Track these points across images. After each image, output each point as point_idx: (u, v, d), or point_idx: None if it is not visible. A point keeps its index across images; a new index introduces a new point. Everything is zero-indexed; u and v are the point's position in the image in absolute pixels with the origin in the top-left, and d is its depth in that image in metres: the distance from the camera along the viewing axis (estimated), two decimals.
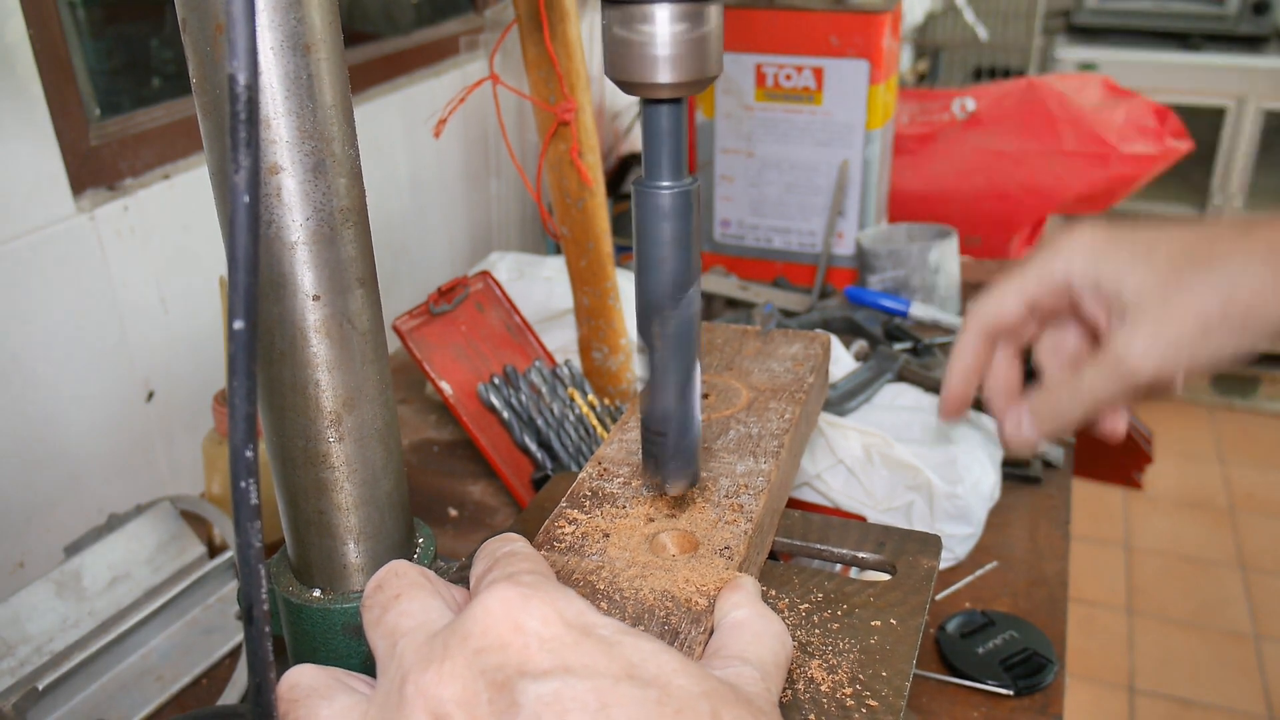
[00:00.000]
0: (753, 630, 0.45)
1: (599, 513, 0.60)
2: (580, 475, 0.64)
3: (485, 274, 1.15)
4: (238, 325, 0.33)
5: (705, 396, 0.72)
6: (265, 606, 0.37)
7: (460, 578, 0.64)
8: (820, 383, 0.80)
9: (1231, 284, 0.59)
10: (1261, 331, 0.60)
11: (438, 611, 0.40)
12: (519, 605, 0.37)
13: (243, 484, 0.34)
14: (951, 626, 0.88)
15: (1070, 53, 3.39)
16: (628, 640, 0.37)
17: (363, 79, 1.48)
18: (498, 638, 0.36)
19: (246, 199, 0.33)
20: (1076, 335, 0.72)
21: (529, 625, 0.36)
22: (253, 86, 0.32)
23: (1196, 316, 0.59)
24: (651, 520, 0.59)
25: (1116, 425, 0.68)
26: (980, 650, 0.85)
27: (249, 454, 0.34)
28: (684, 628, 0.50)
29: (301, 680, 0.40)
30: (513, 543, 0.45)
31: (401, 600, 0.40)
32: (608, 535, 0.58)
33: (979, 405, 1.09)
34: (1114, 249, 0.63)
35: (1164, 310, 0.60)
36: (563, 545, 0.57)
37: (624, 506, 0.61)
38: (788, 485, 0.71)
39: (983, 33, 3.29)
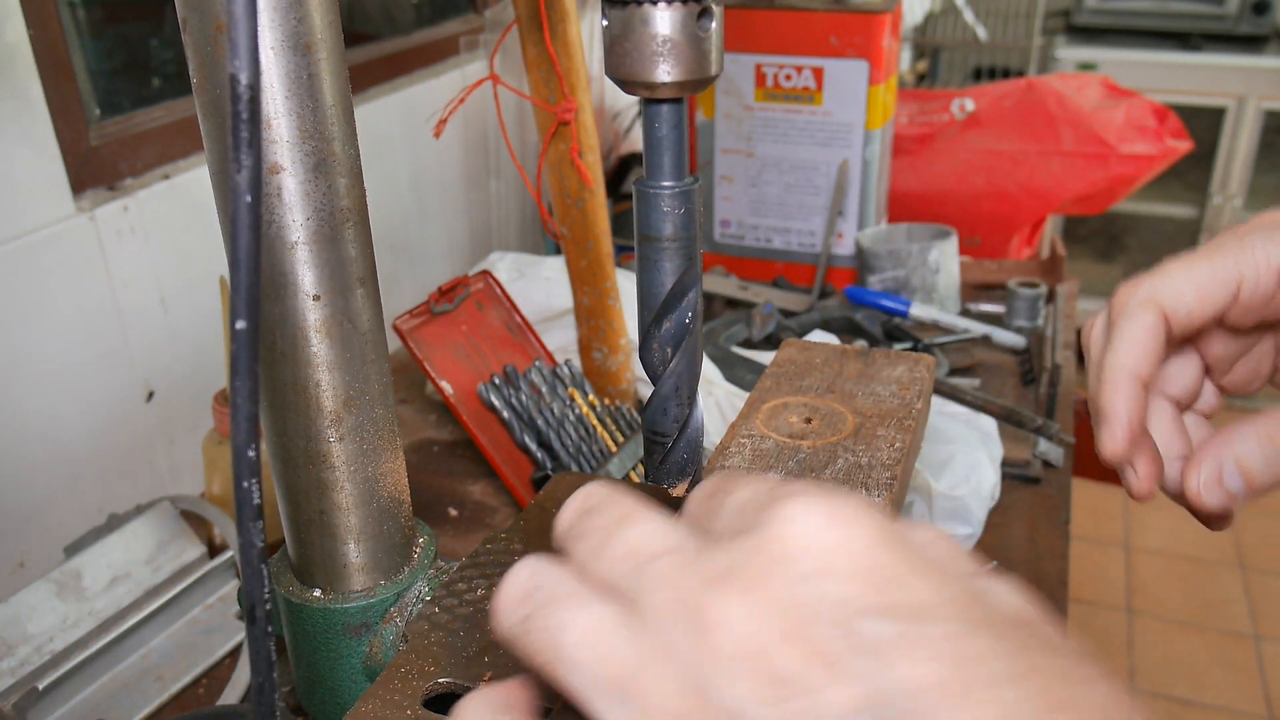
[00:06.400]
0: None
1: None
2: (682, 504, 0.61)
3: (486, 273, 1.15)
4: (240, 325, 0.33)
5: (808, 421, 0.70)
6: (268, 606, 0.37)
7: (459, 577, 0.64)
8: (926, 408, 0.75)
9: None
10: None
11: (683, 536, 0.32)
12: (832, 524, 0.29)
13: (245, 484, 0.34)
14: None
15: (1070, 53, 3.39)
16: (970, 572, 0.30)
17: (363, 79, 1.48)
18: (816, 562, 0.28)
19: (248, 199, 0.33)
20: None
21: (852, 548, 0.29)
22: (254, 86, 0.32)
23: None
24: None
25: None
26: None
27: (251, 454, 0.34)
28: None
29: (545, 581, 0.32)
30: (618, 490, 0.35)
31: (632, 524, 0.32)
32: None
33: (980, 407, 1.10)
34: None
35: None
36: None
37: None
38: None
39: (982, 33, 3.29)
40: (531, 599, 0.32)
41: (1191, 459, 0.48)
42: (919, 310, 1.36)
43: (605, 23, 0.49)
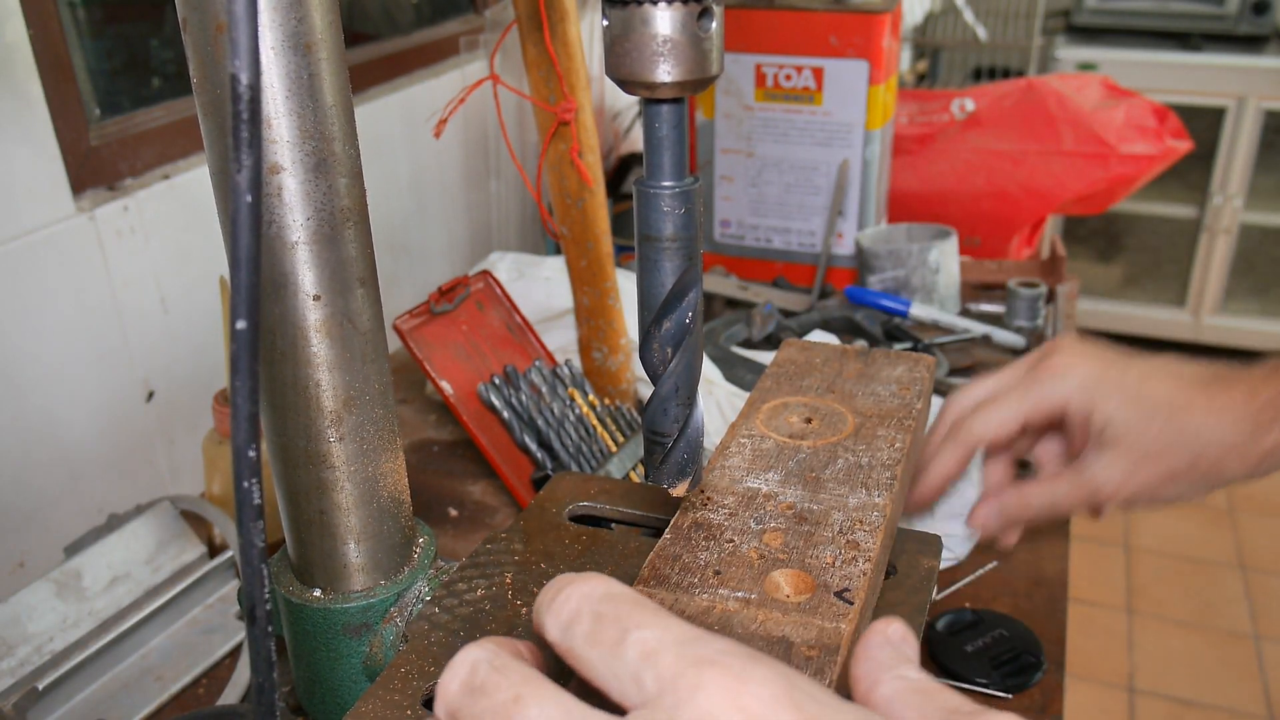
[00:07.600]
0: None
1: (706, 547, 0.57)
2: (682, 504, 0.61)
3: (486, 273, 1.15)
4: (240, 325, 0.33)
5: (808, 421, 0.70)
6: (268, 606, 0.37)
7: (459, 577, 0.64)
8: (927, 408, 0.75)
9: (1203, 443, 0.68)
10: (1219, 483, 0.70)
11: (580, 711, 0.31)
12: (740, 691, 0.30)
13: (246, 484, 0.34)
14: (941, 625, 0.88)
15: (1070, 53, 3.39)
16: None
17: (363, 79, 1.48)
18: None
19: (249, 198, 0.33)
20: (1056, 444, 0.82)
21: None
22: (255, 86, 0.32)
23: (1167, 467, 0.69)
24: (762, 557, 0.56)
25: (1009, 539, 0.82)
26: (969, 648, 0.85)
27: (252, 454, 0.34)
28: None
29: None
30: (606, 584, 0.35)
31: (525, 704, 0.32)
32: (718, 573, 0.55)
33: None
34: (1108, 386, 0.72)
35: (1140, 454, 0.70)
36: (670, 582, 0.54)
37: (732, 541, 0.58)
38: (898, 519, 0.67)
39: (982, 33, 3.30)
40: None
41: (979, 504, 0.80)
42: (919, 310, 1.36)
43: (605, 23, 0.49)
